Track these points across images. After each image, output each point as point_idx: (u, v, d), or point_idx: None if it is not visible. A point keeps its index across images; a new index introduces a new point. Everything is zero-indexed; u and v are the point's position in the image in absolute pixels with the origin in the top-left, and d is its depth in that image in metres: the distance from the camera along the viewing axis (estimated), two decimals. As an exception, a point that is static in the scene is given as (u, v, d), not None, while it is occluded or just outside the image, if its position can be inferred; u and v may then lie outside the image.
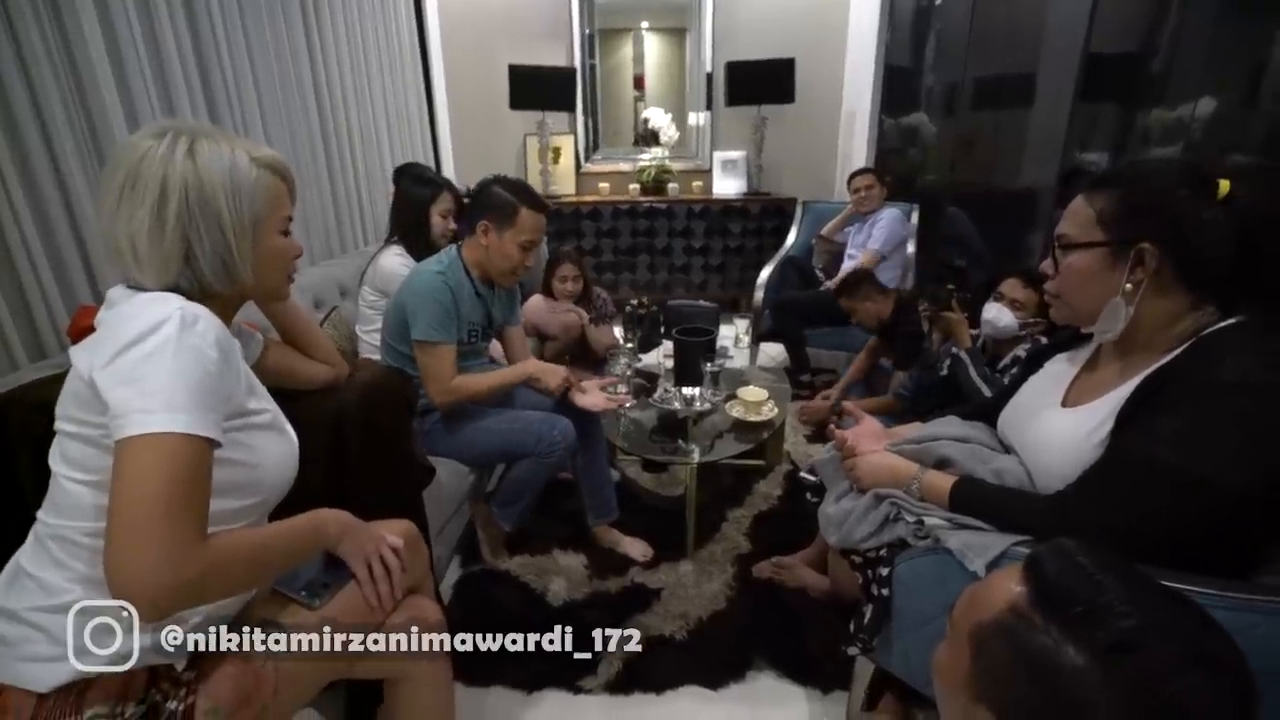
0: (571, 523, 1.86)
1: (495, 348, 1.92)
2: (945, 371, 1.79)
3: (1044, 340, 1.61)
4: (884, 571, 1.10)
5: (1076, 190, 0.98)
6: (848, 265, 3.08)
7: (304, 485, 1.07)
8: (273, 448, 0.83)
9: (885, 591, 1.10)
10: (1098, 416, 0.91)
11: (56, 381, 1.14)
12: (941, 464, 1.12)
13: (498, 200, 1.55)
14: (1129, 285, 0.89)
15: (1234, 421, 0.79)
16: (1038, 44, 2.81)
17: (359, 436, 1.09)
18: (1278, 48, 1.79)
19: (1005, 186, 3.13)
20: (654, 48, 4.16)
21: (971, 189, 3.32)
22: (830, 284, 3.12)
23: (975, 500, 1.00)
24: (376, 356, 1.84)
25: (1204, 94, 2.03)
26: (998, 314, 1.74)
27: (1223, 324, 0.86)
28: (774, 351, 3.19)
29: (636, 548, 1.77)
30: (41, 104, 1.33)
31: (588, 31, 3.99)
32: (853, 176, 3.16)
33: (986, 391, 1.64)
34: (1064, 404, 1.02)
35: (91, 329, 1.27)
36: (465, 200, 1.87)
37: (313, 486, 1.07)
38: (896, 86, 3.73)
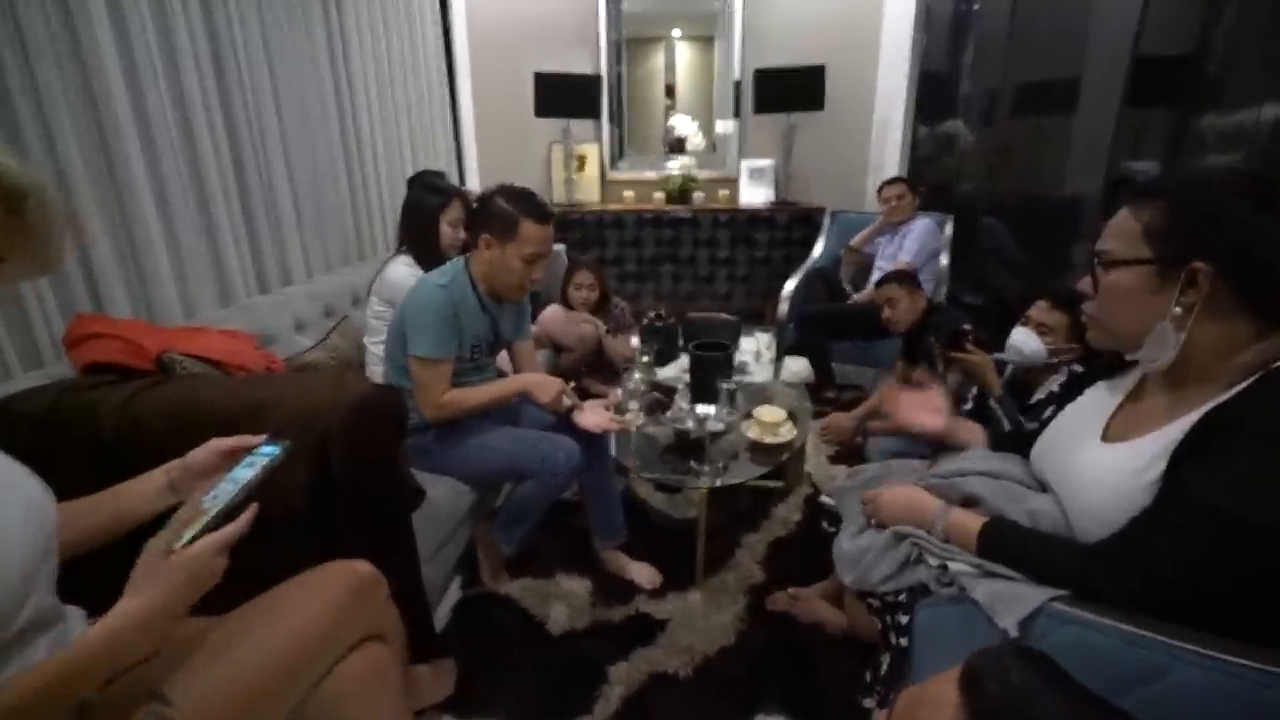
0: (577, 542, 1.79)
1: (504, 359, 1.87)
2: (969, 406, 1.68)
3: (1079, 369, 1.48)
4: (903, 619, 1.00)
5: (1122, 201, 0.87)
6: (875, 278, 2.96)
7: (286, 511, 1.02)
8: None
9: (904, 641, 1.00)
10: (1146, 454, 0.81)
11: (47, 392, 1.13)
12: (969, 502, 1.02)
13: (498, 212, 1.48)
14: (1178, 309, 0.78)
15: None
16: (1082, 47, 2.67)
17: (346, 457, 1.04)
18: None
19: (1046, 196, 2.98)
20: (683, 55, 4.11)
21: (1010, 199, 3.18)
22: (859, 296, 3.01)
23: (1006, 546, 0.90)
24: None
25: (1270, 97, 1.89)
26: (1024, 339, 1.58)
27: (1294, 357, 0.75)
28: (798, 366, 3.08)
29: (644, 573, 1.69)
30: (46, 108, 1.31)
31: (615, 39, 3.95)
32: (883, 186, 3.05)
33: None
34: (1105, 438, 0.91)
35: (89, 338, 1.26)
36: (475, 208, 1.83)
37: (295, 512, 1.03)
38: (931, 93, 3.61)
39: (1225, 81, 2.07)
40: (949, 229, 3.08)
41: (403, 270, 1.86)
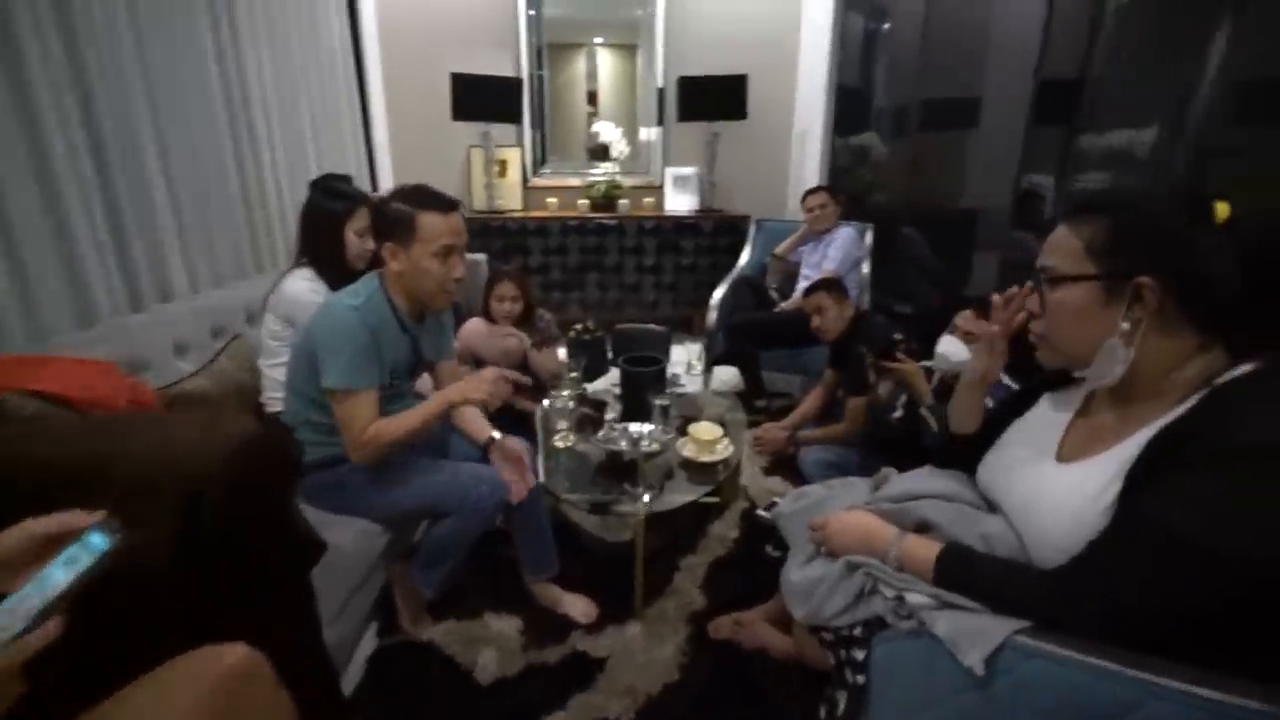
0: (506, 575, 1.65)
1: (426, 381, 1.71)
2: (900, 414, 1.68)
3: (1005, 379, 1.50)
4: (859, 655, 0.95)
5: (1033, 213, 0.87)
6: (802, 285, 2.98)
7: (145, 586, 0.83)
8: None
9: (861, 678, 0.94)
10: (1105, 474, 0.79)
11: None
12: (922, 527, 0.98)
13: (394, 215, 1.34)
14: (1126, 324, 0.77)
15: (1269, 491, 0.67)
16: (985, 69, 2.82)
17: (222, 515, 0.87)
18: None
19: (959, 206, 3.10)
20: (605, 62, 4.05)
21: (924, 210, 3.30)
22: (786, 304, 3.02)
23: (964, 575, 0.85)
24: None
25: (1151, 120, 2.02)
26: (950, 348, 1.62)
27: (1237, 372, 0.75)
28: (728, 375, 3.05)
29: (578, 606, 1.57)
30: None
31: (536, 44, 3.83)
32: (807, 194, 3.08)
33: None
34: (1060, 457, 0.89)
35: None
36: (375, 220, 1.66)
37: (157, 586, 0.83)
38: (849, 107, 3.70)
39: (1114, 103, 2.22)
40: (869, 238, 3.15)
41: (302, 285, 1.67)
